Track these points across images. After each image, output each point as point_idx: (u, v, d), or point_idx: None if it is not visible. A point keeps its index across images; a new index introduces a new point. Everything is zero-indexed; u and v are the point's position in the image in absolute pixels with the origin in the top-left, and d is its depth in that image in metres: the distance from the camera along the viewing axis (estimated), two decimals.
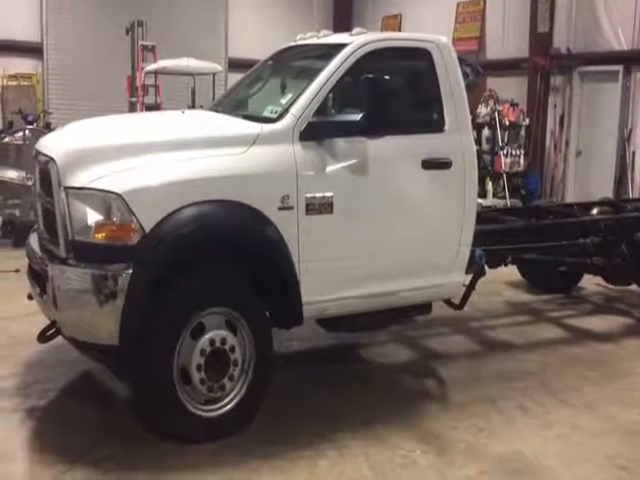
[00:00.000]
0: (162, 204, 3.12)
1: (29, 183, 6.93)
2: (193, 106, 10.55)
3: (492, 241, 4.67)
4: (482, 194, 10.10)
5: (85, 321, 3.21)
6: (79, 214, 3.13)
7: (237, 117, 3.80)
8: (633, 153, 9.36)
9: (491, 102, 10.47)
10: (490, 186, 10.24)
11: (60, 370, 4.18)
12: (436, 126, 3.96)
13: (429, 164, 3.84)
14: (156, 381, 3.25)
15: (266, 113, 3.71)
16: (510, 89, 10.72)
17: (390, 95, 3.51)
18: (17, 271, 5.65)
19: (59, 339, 3.56)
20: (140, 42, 10.88)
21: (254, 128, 3.50)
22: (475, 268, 4.21)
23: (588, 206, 6.12)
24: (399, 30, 12.94)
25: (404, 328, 4.89)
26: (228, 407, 3.42)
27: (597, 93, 9.91)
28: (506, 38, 11.05)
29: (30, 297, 3.74)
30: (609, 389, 4.20)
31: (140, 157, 3.23)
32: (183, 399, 3.30)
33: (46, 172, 3.38)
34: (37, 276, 3.49)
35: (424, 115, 4.14)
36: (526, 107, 10.59)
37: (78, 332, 3.31)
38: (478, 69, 8.40)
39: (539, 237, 5.08)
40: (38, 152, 3.57)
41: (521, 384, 4.22)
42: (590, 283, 6.36)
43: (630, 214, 5.68)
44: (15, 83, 11.87)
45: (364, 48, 3.77)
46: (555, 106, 10.42)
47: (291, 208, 3.40)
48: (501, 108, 10.38)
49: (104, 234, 3.12)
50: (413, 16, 12.88)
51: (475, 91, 10.23)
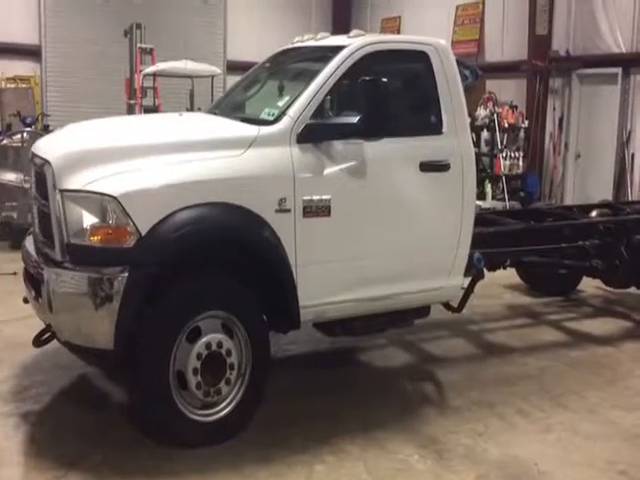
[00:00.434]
0: (158, 207, 3.10)
1: (27, 185, 6.90)
2: (191, 108, 10.55)
3: (491, 244, 4.65)
4: (481, 196, 10.08)
5: (80, 325, 3.19)
6: (74, 217, 3.11)
7: (234, 119, 3.78)
8: (632, 155, 9.35)
9: (490, 104, 10.46)
10: (489, 188, 10.23)
11: (56, 374, 4.16)
12: (434, 128, 3.95)
13: (427, 166, 3.83)
14: (152, 385, 3.22)
15: (263, 115, 3.69)
16: (509, 91, 10.72)
17: (388, 97, 3.49)
18: (14, 274, 5.62)
19: (55, 343, 3.54)
20: (138, 45, 10.88)
21: (251, 130, 3.48)
22: (474, 271, 4.19)
23: (587, 208, 6.11)
24: (398, 33, 12.93)
25: (403, 331, 4.87)
26: (225, 412, 3.40)
27: (596, 95, 9.91)
28: (505, 41, 11.05)
29: (26, 300, 3.72)
30: (609, 393, 4.18)
31: (136, 160, 3.21)
32: (179, 404, 3.27)
33: (42, 174, 3.36)
34: (32, 279, 3.47)
35: (422, 117, 4.12)
36: (525, 109, 10.58)
37: (73, 336, 3.28)
38: (477, 72, 8.39)
39: (538, 240, 5.06)
40: (34, 154, 3.55)
41: (520, 388, 4.20)
42: (589, 286, 6.35)
43: (629, 216, 5.67)
44: (14, 85, 11.85)
45: (362, 50, 3.75)
46: (554, 108, 10.42)
47: (288, 211, 3.38)
48: (500, 110, 10.37)
49: (100, 237, 3.09)
50: (412, 19, 12.88)
51: (474, 93, 10.22)
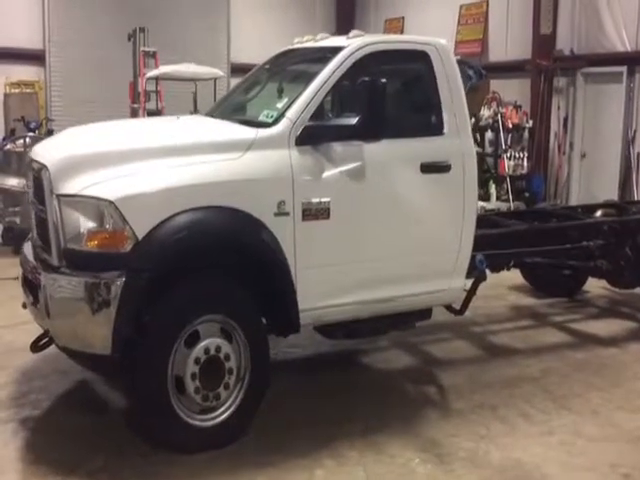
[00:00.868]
0: (155, 211, 3.08)
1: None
2: (195, 111, 10.54)
3: (494, 245, 4.60)
4: (485, 197, 10.04)
5: (77, 330, 3.17)
6: (71, 222, 3.09)
7: (233, 122, 3.76)
8: (638, 154, 9.27)
9: (494, 104, 10.41)
10: (493, 189, 10.17)
11: (55, 379, 4.15)
12: (435, 129, 3.91)
13: (428, 168, 3.79)
14: (150, 390, 3.21)
15: (262, 118, 3.67)
16: (513, 91, 10.65)
17: (387, 98, 3.46)
18: (16, 279, 5.56)
19: (55, 348, 3.52)
20: (142, 48, 10.89)
21: (249, 133, 3.46)
22: (476, 273, 4.15)
23: (592, 208, 6.05)
24: (402, 33, 12.90)
25: (405, 334, 4.82)
26: (223, 416, 3.38)
27: (601, 94, 9.83)
28: (509, 40, 10.97)
29: (25, 306, 3.71)
30: (613, 395, 4.13)
31: (133, 163, 3.19)
32: (177, 409, 3.25)
33: (39, 179, 3.35)
34: (30, 285, 3.46)
35: (422, 118, 4.09)
36: (529, 109, 10.52)
37: (71, 341, 3.27)
38: (481, 71, 8.33)
39: (542, 240, 5.02)
40: (32, 159, 3.54)
41: (523, 390, 4.16)
42: (595, 286, 6.29)
43: (634, 216, 5.61)
44: (18, 90, 11.89)
45: (361, 51, 3.72)
46: (559, 108, 10.35)
47: (287, 214, 3.36)
48: (504, 110, 10.31)
49: (96, 242, 3.08)
50: (416, 19, 12.83)
51: (479, 94, 10.18)
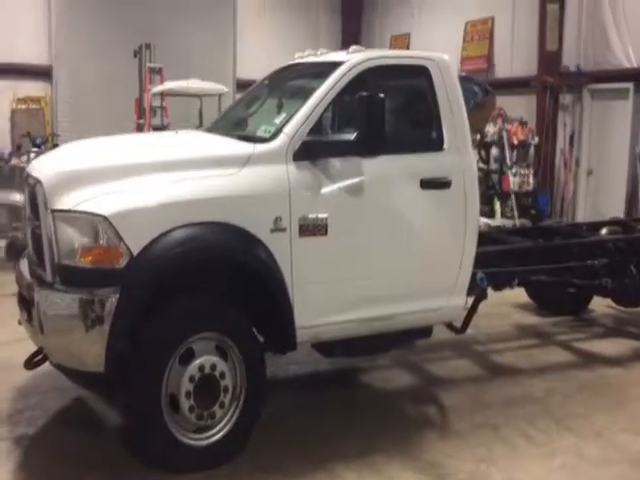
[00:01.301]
0: (150, 227, 3.05)
1: None
2: (200, 127, 10.57)
3: (496, 263, 4.55)
4: (490, 214, 9.97)
5: (71, 347, 3.14)
6: (65, 237, 3.07)
7: (231, 137, 3.74)
8: None
9: (499, 121, 10.38)
10: (498, 206, 10.11)
11: (52, 396, 4.10)
12: (435, 145, 3.88)
13: (428, 184, 3.75)
14: (143, 409, 3.16)
15: (260, 133, 3.65)
16: (519, 107, 10.63)
17: (386, 113, 3.43)
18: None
19: (50, 364, 3.49)
20: (147, 64, 10.97)
21: (246, 148, 3.44)
22: (477, 291, 4.09)
23: (597, 226, 5.98)
24: (407, 49, 12.93)
25: (406, 352, 4.77)
26: (218, 436, 3.32)
27: (607, 111, 9.79)
28: (515, 57, 10.96)
29: (20, 322, 3.68)
30: (617, 416, 4.04)
31: (129, 179, 3.17)
32: (172, 427, 3.20)
33: (34, 194, 3.33)
34: (25, 301, 3.43)
35: (422, 134, 4.06)
36: (535, 126, 10.49)
37: (64, 358, 3.24)
38: (487, 88, 8.32)
39: (546, 258, 4.95)
40: (28, 174, 3.53)
41: (525, 411, 4.08)
42: (600, 305, 6.19)
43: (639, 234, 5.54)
44: (24, 106, 11.97)
45: (360, 66, 3.70)
46: (565, 124, 10.31)
47: (284, 230, 3.32)
48: (510, 127, 10.28)
49: (91, 258, 3.05)
50: (422, 35, 12.86)
51: (484, 110, 10.15)
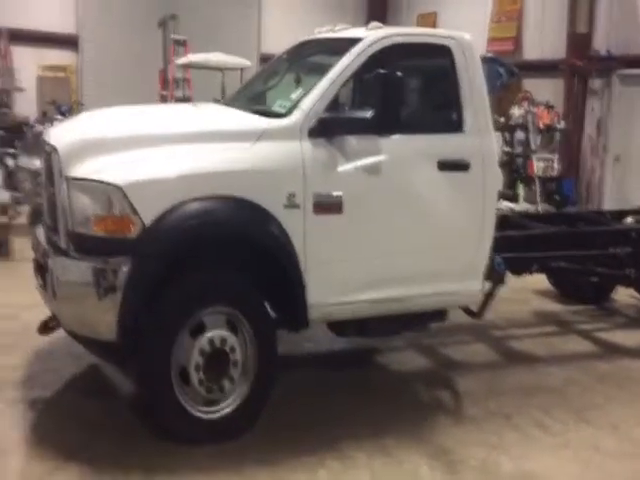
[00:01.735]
0: (163, 198, 3.02)
1: None
2: (221, 100, 10.51)
3: (516, 248, 4.45)
4: (513, 198, 9.82)
5: (83, 315, 3.14)
6: (80, 205, 3.05)
7: (247, 111, 3.68)
8: None
9: (525, 104, 10.16)
10: (522, 190, 9.95)
11: (68, 361, 4.14)
12: (454, 126, 3.78)
13: (445, 165, 3.67)
14: (154, 379, 3.17)
15: (276, 108, 3.59)
16: (546, 91, 10.40)
17: (405, 92, 3.35)
18: None
19: None
20: (172, 36, 10.91)
21: (261, 123, 3.38)
22: (495, 276, 4.01)
23: (622, 214, 5.83)
24: (434, 28, 12.70)
25: (422, 334, 4.70)
26: (228, 410, 3.31)
27: (637, 97, 9.53)
28: (543, 39, 10.71)
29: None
30: (636, 409, 3.96)
31: (143, 149, 3.14)
32: (181, 399, 3.20)
33: (50, 162, 3.31)
34: (40, 268, 3.43)
35: (442, 114, 3.96)
36: (562, 110, 10.26)
37: (77, 326, 3.25)
38: (512, 70, 8.11)
39: (567, 245, 4.84)
40: (45, 142, 3.51)
41: (541, 399, 4.01)
42: (624, 295, 6.05)
43: None
44: (51, 74, 12.01)
45: (379, 43, 3.61)
46: (593, 109, 10.07)
47: (297, 206, 3.27)
48: (535, 110, 10.06)
49: (104, 226, 3.03)
50: (448, 14, 12.63)
51: (510, 92, 9.95)
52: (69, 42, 12.17)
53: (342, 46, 3.67)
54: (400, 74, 3.31)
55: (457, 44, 3.81)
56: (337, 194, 3.36)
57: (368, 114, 3.36)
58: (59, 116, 8.99)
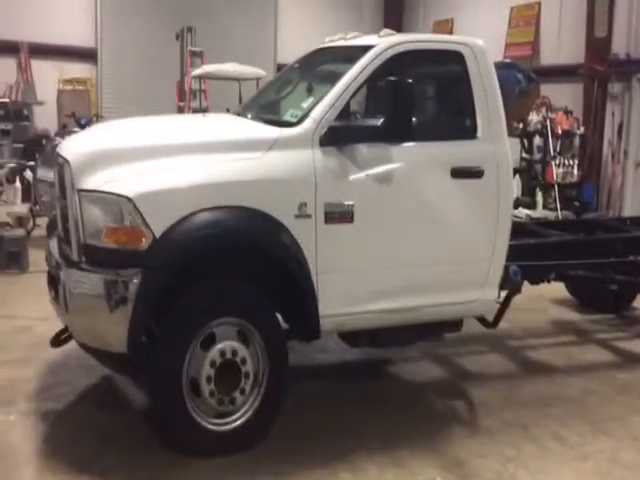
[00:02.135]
0: (173, 209, 3.02)
1: None
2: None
3: (532, 256, 4.38)
4: (531, 205, 9.71)
5: (94, 327, 3.15)
6: (91, 217, 3.07)
7: (258, 121, 3.68)
8: None
9: (543, 109, 10.06)
10: (540, 197, 9.83)
11: (81, 373, 4.15)
12: (467, 133, 3.74)
13: (459, 173, 3.62)
14: (165, 391, 3.16)
15: (287, 117, 3.58)
16: (564, 96, 10.28)
17: (417, 99, 3.32)
18: None
19: None
20: (189, 48, 11.01)
21: (272, 132, 3.37)
22: (510, 285, 3.95)
23: None
24: (451, 35, 12.65)
25: (437, 345, 4.65)
26: (239, 422, 3.29)
27: None
28: (561, 43, 10.60)
29: None
30: None
31: (154, 160, 3.15)
32: (192, 411, 3.19)
33: (62, 174, 3.34)
34: (53, 280, 3.46)
35: (455, 121, 3.93)
36: (581, 115, 10.13)
37: (88, 338, 3.26)
38: (530, 75, 8.03)
39: (585, 253, 4.75)
40: (58, 154, 3.54)
41: (559, 410, 3.93)
42: None
43: None
44: (70, 87, 12.18)
45: (391, 50, 3.59)
46: (613, 114, 9.93)
47: (309, 216, 3.25)
48: (554, 116, 9.95)
49: (115, 238, 3.04)
50: (465, 20, 12.56)
51: (528, 98, 9.83)
52: (88, 55, 12.33)
53: (354, 54, 3.65)
54: (411, 81, 3.28)
55: (470, 50, 3.77)
56: (348, 203, 3.34)
57: (379, 122, 3.34)
58: (78, 129, 9.10)
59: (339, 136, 3.36)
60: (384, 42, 3.64)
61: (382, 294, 3.51)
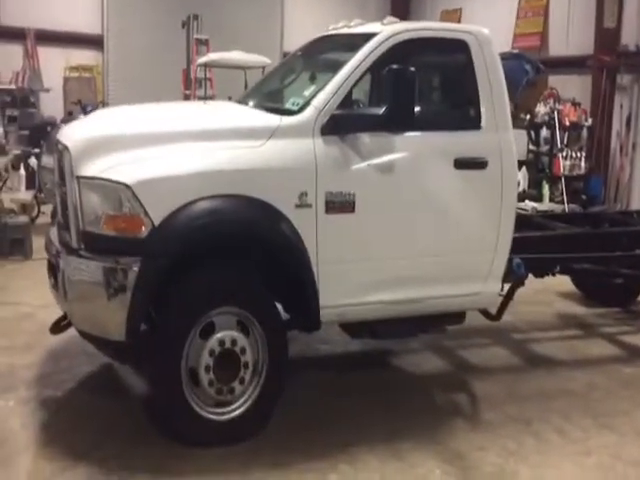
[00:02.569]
0: (172, 197, 2.99)
1: None
2: None
3: (537, 249, 4.34)
4: (538, 198, 9.64)
5: (93, 314, 3.13)
6: (90, 204, 3.04)
7: (260, 109, 3.64)
8: None
9: (551, 101, 9.95)
10: (547, 190, 9.75)
11: (82, 361, 4.14)
12: (471, 123, 3.69)
13: (462, 163, 3.57)
14: (163, 379, 3.14)
15: (289, 105, 3.54)
16: (573, 88, 10.17)
17: (420, 88, 3.26)
18: None
19: None
20: (195, 35, 10.95)
21: (273, 120, 3.33)
22: (513, 277, 3.90)
23: None
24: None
25: (440, 337, 4.61)
26: (238, 411, 3.27)
27: None
28: (570, 34, 10.47)
29: None
30: None
31: (153, 147, 3.11)
32: (191, 400, 3.17)
33: (62, 160, 3.31)
34: (53, 267, 3.44)
35: (458, 111, 3.87)
36: (590, 107, 10.02)
37: (87, 325, 3.24)
38: (539, 66, 7.93)
39: (591, 246, 4.70)
40: (57, 140, 3.51)
41: (562, 405, 3.89)
42: None
43: None
44: (77, 74, 12.15)
45: (394, 38, 3.53)
46: (622, 106, 9.82)
47: (309, 206, 3.21)
48: (562, 107, 9.85)
49: (114, 226, 3.01)
50: (474, 10, 12.44)
51: (536, 89, 9.75)
52: (95, 42, 12.29)
53: (357, 42, 3.60)
54: (413, 69, 3.23)
55: (474, 39, 3.71)
56: (350, 193, 3.30)
57: (381, 111, 3.29)
58: (83, 116, 9.07)
59: (341, 125, 3.32)
60: (387, 30, 3.59)
61: (383, 285, 3.48)
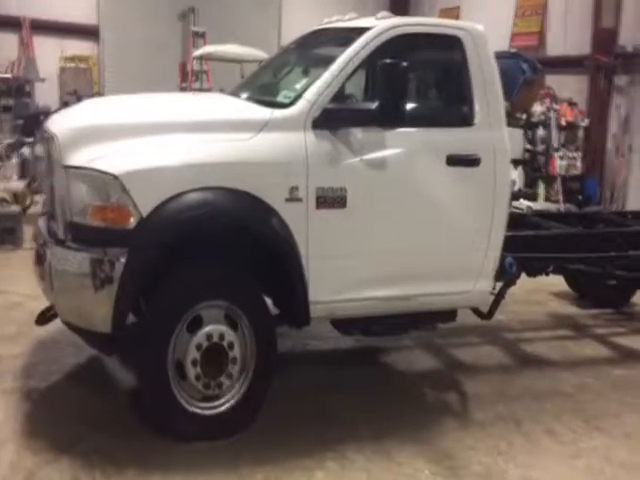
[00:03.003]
0: (161, 188, 2.95)
1: None
2: None
3: (530, 248, 4.31)
4: (533, 197, 9.62)
5: (79, 306, 3.09)
6: (77, 194, 2.99)
7: (251, 102, 3.59)
8: None
9: (547, 100, 9.93)
10: (542, 189, 9.73)
11: (70, 352, 4.10)
12: (465, 120, 3.66)
13: (455, 160, 3.54)
14: (150, 372, 3.11)
15: (280, 98, 3.50)
16: (569, 87, 10.16)
17: (413, 84, 3.24)
18: None
19: None
20: (191, 28, 10.89)
21: (264, 113, 3.29)
22: (505, 276, 3.88)
23: None
24: None
25: (431, 335, 4.59)
26: (226, 406, 3.24)
27: None
28: (567, 34, 10.45)
29: None
30: None
31: (142, 138, 3.06)
32: (178, 394, 3.13)
33: (49, 149, 3.26)
34: (40, 258, 3.39)
35: (451, 107, 3.84)
36: (586, 107, 10.01)
37: (73, 317, 3.20)
38: (536, 66, 7.90)
39: (585, 246, 4.68)
40: (45, 129, 3.46)
41: (553, 405, 3.87)
42: None
43: None
44: (72, 65, 12.05)
45: (388, 33, 3.50)
46: (619, 107, 9.81)
47: (300, 200, 3.17)
48: (558, 107, 9.83)
49: (101, 216, 2.97)
50: (472, 9, 12.38)
51: (533, 89, 9.73)
52: (91, 33, 12.19)
53: (350, 36, 3.56)
54: (405, 64, 3.19)
55: (468, 35, 3.67)
56: (341, 188, 3.26)
57: (373, 105, 3.25)
58: None
59: (333, 119, 3.28)
60: (381, 24, 3.55)
61: (374, 281, 3.45)
